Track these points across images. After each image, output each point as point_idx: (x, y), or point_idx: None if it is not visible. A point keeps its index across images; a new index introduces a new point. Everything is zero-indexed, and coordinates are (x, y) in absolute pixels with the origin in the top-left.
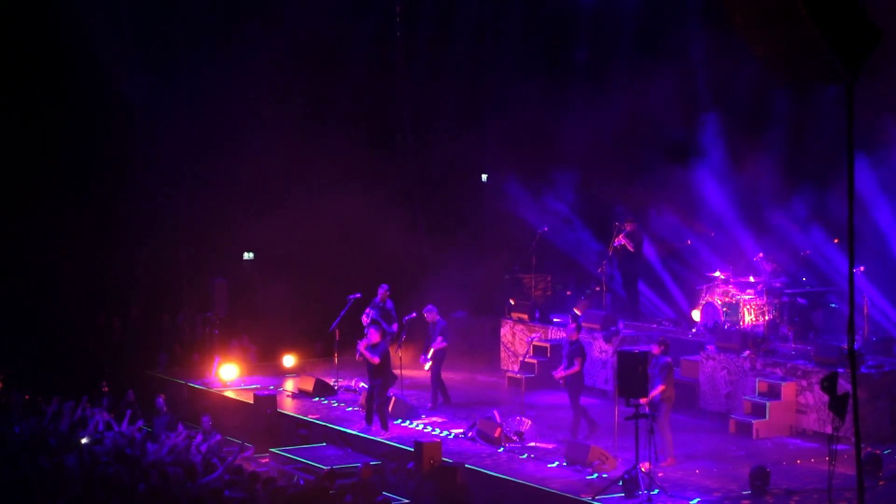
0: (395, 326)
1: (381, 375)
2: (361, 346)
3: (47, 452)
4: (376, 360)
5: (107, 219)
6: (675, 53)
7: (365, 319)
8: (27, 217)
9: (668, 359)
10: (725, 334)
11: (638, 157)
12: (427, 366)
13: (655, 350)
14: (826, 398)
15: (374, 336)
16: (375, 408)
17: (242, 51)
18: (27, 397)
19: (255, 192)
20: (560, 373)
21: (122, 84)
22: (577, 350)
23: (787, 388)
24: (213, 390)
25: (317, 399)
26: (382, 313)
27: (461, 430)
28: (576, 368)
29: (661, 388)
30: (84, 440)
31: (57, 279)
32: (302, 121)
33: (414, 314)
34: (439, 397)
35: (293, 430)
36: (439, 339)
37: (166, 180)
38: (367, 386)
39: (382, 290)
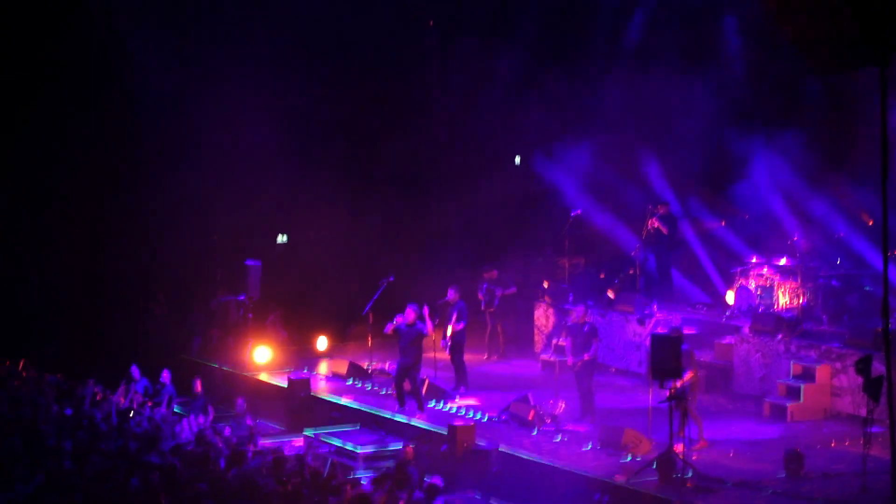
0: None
1: (411, 357)
2: (397, 320)
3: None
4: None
5: (141, 203)
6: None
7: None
8: (65, 202)
9: (687, 346)
10: (760, 317)
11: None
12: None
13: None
14: (860, 381)
15: (410, 314)
16: (410, 389)
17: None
18: (61, 379)
19: (288, 174)
20: (582, 357)
21: (152, 70)
22: (593, 333)
23: (822, 371)
24: (247, 373)
25: (350, 382)
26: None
27: (495, 413)
28: (591, 353)
29: (690, 374)
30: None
31: (92, 263)
32: (335, 105)
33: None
34: (462, 378)
35: (327, 413)
36: (454, 318)
37: (199, 164)
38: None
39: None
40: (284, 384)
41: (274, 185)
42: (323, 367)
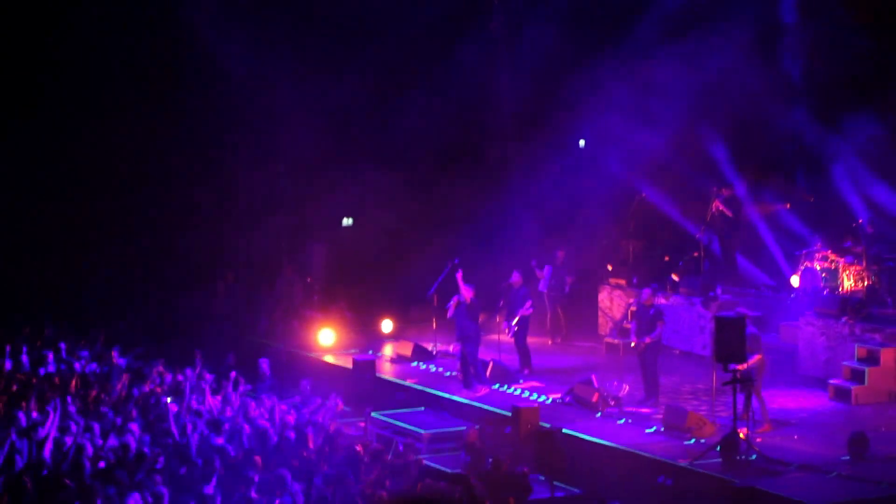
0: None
1: (468, 329)
2: (455, 299)
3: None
4: (467, 298)
5: (208, 186)
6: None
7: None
8: (138, 186)
9: (754, 329)
10: (824, 300)
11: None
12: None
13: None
14: None
15: (467, 293)
16: (472, 369)
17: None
18: (131, 360)
19: (353, 157)
20: (644, 339)
21: (221, 55)
22: (658, 316)
23: (887, 354)
24: (312, 355)
25: (415, 364)
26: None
27: (558, 395)
28: (656, 335)
29: (757, 357)
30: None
31: (161, 246)
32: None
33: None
34: (525, 361)
35: (391, 394)
36: (527, 304)
37: (266, 147)
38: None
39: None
40: (349, 366)
41: (339, 168)
42: (388, 349)
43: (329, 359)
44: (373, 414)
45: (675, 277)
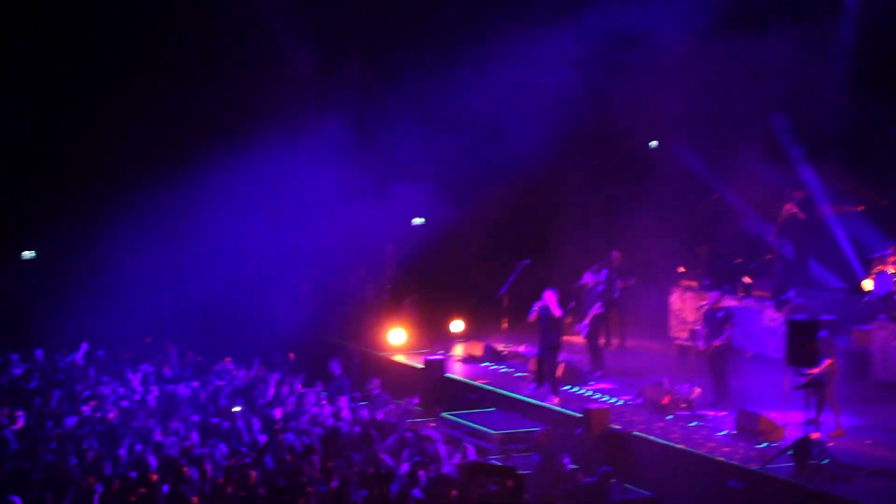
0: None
1: (549, 340)
2: (538, 304)
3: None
4: (558, 314)
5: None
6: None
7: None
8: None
9: (826, 332)
10: None
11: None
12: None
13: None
14: None
15: (548, 298)
16: (546, 372)
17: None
18: (199, 359)
19: (425, 159)
20: (712, 342)
21: (293, 54)
22: (727, 318)
23: None
24: (384, 354)
25: (485, 364)
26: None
27: (629, 397)
28: (725, 338)
29: (828, 362)
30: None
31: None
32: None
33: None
34: (598, 362)
35: (462, 394)
36: (597, 304)
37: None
38: (536, 350)
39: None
40: (420, 366)
41: (409, 170)
42: (458, 350)
43: (400, 358)
44: (443, 414)
45: (747, 280)
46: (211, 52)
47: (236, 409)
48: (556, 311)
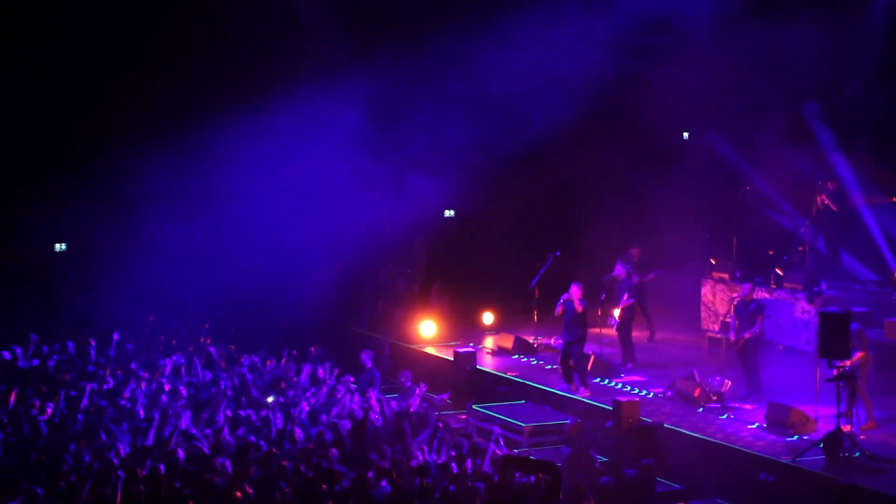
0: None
1: (574, 333)
2: (564, 297)
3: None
4: (580, 309)
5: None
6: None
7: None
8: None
9: (858, 324)
10: None
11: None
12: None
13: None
14: None
15: (574, 291)
16: (573, 366)
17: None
18: (232, 347)
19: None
20: (743, 335)
21: (324, 43)
22: (758, 310)
23: None
24: (414, 346)
25: (516, 356)
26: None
27: (660, 390)
28: (756, 330)
29: (860, 354)
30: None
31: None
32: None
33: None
34: (629, 355)
35: (492, 387)
36: (625, 296)
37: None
38: (562, 343)
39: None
40: (450, 358)
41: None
42: (489, 342)
43: (430, 350)
44: (474, 406)
45: (779, 272)
46: (244, 42)
47: (269, 399)
48: (579, 307)
